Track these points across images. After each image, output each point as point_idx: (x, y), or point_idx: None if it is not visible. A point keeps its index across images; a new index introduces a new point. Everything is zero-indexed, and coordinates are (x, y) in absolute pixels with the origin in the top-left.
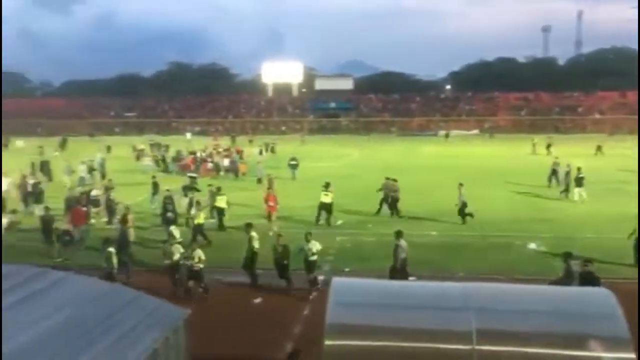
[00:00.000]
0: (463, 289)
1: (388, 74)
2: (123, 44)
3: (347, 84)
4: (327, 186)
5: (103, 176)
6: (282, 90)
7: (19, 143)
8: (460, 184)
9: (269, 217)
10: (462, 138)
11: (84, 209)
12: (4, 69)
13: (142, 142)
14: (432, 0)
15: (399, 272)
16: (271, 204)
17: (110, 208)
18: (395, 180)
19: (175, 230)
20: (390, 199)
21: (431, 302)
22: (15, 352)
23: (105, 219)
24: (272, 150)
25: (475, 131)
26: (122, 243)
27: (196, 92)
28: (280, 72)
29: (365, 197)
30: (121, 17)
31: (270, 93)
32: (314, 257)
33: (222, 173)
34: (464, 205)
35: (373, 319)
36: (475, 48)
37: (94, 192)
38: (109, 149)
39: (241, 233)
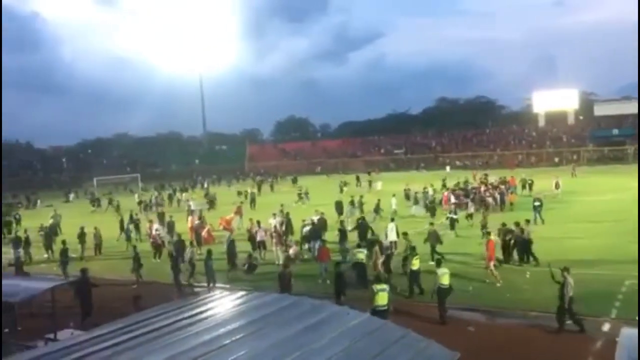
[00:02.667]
0: None
1: None
2: (394, 84)
3: (632, 108)
4: None
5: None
6: (556, 119)
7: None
8: None
9: None
10: None
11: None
12: (291, 115)
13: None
14: None
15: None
16: None
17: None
18: None
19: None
20: None
21: None
22: None
23: None
24: (530, 188)
25: None
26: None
27: (463, 127)
28: (553, 100)
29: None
30: (392, 58)
31: (542, 123)
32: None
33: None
34: None
35: None
36: None
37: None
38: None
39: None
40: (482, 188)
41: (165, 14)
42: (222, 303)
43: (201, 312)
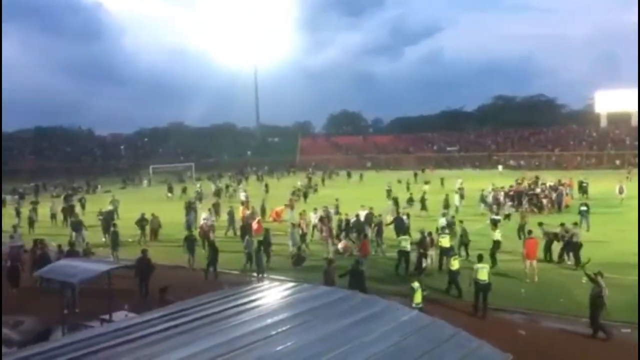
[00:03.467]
0: None
1: None
2: (449, 79)
3: None
4: None
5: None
6: (619, 120)
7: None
8: None
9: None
10: None
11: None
12: (344, 109)
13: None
14: None
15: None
16: None
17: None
18: None
19: None
20: None
21: None
22: None
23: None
24: (585, 191)
25: None
26: None
27: (520, 125)
28: (616, 100)
29: None
30: (448, 53)
31: (604, 124)
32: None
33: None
34: None
35: None
36: None
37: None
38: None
39: None
40: (537, 190)
41: (223, 6)
42: (271, 294)
43: (249, 302)
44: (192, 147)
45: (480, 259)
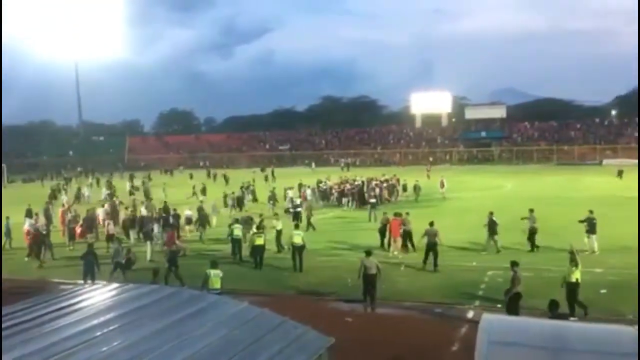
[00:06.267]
0: (634, 332)
1: (545, 101)
2: (280, 80)
3: (499, 112)
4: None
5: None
6: (432, 120)
7: None
8: (531, 210)
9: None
10: (631, 168)
11: None
12: (174, 107)
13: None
14: (592, 21)
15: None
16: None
17: None
18: (532, 211)
19: None
20: (528, 232)
21: (597, 346)
22: None
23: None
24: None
25: None
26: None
27: (346, 125)
28: (429, 102)
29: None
30: (279, 55)
31: (419, 124)
32: None
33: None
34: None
35: None
36: None
37: None
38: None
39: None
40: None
41: None
42: (94, 295)
43: (71, 305)
44: (3, 147)
45: (296, 227)
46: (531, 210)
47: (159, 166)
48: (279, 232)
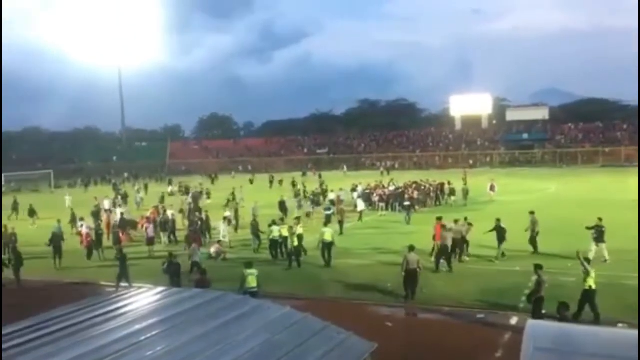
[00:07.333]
0: None
1: (589, 101)
2: (318, 84)
3: (541, 114)
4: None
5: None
6: (471, 122)
7: None
8: (531, 212)
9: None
10: None
11: None
12: (214, 112)
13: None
14: (634, 17)
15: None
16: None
17: None
18: (532, 213)
19: None
20: (530, 235)
21: None
22: None
23: None
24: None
25: None
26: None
27: (384, 128)
28: (469, 105)
29: (555, 233)
30: (317, 58)
31: (458, 126)
32: None
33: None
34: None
35: None
36: None
37: None
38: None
39: None
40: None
41: (86, 4)
42: (139, 299)
43: (116, 309)
44: (50, 153)
45: (325, 225)
46: (532, 213)
47: (200, 171)
48: (300, 237)
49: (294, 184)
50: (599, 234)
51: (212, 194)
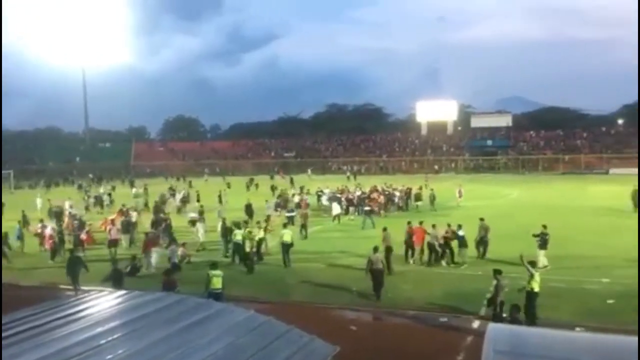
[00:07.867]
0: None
1: (551, 109)
2: (287, 87)
3: (505, 121)
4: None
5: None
6: (437, 128)
7: None
8: (481, 219)
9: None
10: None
11: None
12: (180, 114)
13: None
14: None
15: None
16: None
17: None
18: (482, 220)
19: None
20: (479, 240)
21: (603, 357)
22: None
23: None
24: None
25: None
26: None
27: (351, 132)
28: (435, 111)
29: (515, 239)
30: (286, 61)
31: (424, 132)
32: None
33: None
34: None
35: None
36: None
37: None
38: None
39: None
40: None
41: (52, 3)
42: (101, 302)
43: (77, 312)
44: (12, 153)
45: (284, 226)
46: (481, 219)
47: (165, 173)
48: (260, 240)
49: (273, 188)
50: (543, 241)
51: (191, 196)
